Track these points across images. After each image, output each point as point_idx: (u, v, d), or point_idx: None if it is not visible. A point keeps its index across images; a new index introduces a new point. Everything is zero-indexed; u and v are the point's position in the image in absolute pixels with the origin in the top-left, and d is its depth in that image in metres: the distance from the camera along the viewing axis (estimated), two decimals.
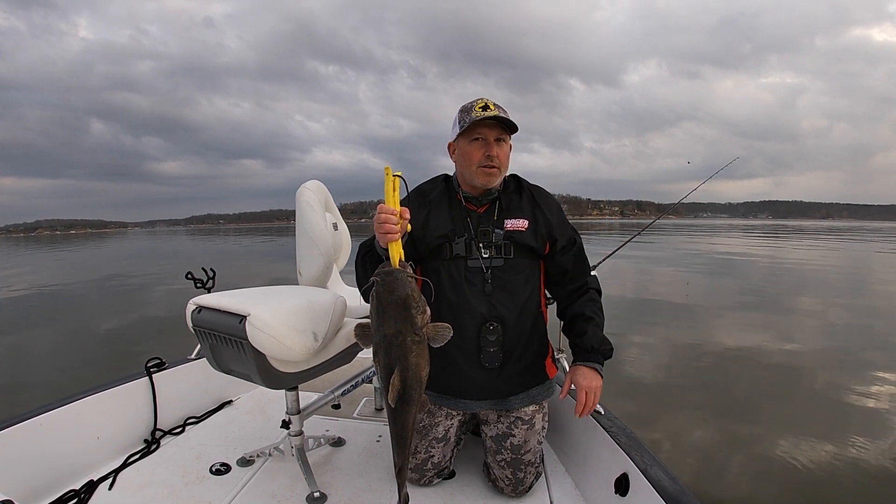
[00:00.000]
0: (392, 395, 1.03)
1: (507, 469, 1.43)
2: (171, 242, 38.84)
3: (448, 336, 1.06)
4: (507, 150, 1.35)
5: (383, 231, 1.06)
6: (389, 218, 1.07)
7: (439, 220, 1.37)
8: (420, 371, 1.05)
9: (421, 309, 1.03)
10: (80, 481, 1.46)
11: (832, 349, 4.80)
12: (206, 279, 1.92)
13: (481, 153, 1.31)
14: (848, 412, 3.27)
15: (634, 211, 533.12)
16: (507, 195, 1.42)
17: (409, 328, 1.01)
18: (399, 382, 1.02)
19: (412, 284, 1.02)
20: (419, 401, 1.08)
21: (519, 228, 1.35)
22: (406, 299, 1.00)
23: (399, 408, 1.05)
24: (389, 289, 1.01)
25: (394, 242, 1.06)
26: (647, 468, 1.21)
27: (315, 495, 1.42)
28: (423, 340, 1.04)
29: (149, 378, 1.82)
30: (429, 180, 1.48)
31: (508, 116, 1.30)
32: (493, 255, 1.34)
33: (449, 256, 1.35)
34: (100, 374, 3.87)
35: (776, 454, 2.66)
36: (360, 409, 2.10)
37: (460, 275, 1.34)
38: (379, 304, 1.02)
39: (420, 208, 1.38)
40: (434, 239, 1.35)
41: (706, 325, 5.96)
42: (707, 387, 3.80)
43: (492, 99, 1.31)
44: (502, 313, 1.33)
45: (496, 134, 1.32)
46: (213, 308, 1.41)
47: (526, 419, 1.42)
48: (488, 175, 1.33)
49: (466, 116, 1.31)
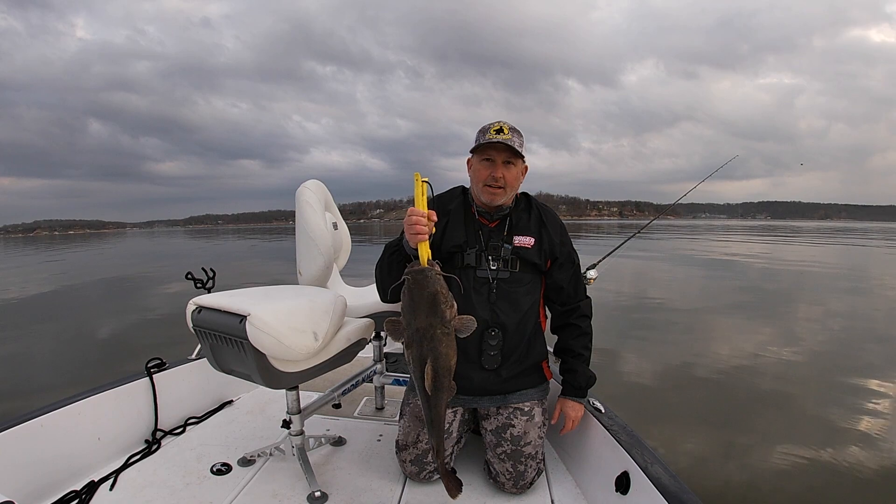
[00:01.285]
0: (428, 382, 1.13)
1: (507, 462, 1.45)
2: (172, 243, 38.80)
3: (473, 327, 1.15)
4: (514, 173, 1.44)
5: (414, 232, 1.15)
6: (420, 220, 1.15)
7: (455, 230, 1.47)
8: (450, 360, 1.14)
9: (449, 303, 1.12)
10: (81, 482, 1.46)
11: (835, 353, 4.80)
12: (206, 279, 1.92)
13: (488, 173, 1.42)
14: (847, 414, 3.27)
15: (633, 212, 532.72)
16: (517, 213, 1.52)
17: (439, 321, 1.10)
18: (432, 371, 1.12)
19: (441, 281, 1.11)
20: (449, 387, 1.18)
21: (525, 245, 1.46)
22: (436, 295, 1.09)
23: (434, 395, 1.15)
24: (421, 285, 1.09)
25: (423, 242, 1.15)
26: (647, 466, 1.21)
27: (316, 495, 1.42)
28: (452, 332, 1.13)
29: (149, 378, 1.82)
30: (448, 191, 1.59)
31: (521, 141, 1.41)
32: (500, 267, 1.45)
33: (460, 265, 1.45)
34: (101, 375, 3.87)
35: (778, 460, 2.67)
36: (360, 409, 2.10)
37: (469, 283, 1.43)
38: (411, 300, 1.11)
39: (440, 217, 1.46)
40: (449, 248, 1.45)
41: (703, 325, 5.97)
42: (704, 390, 3.80)
43: (508, 123, 1.41)
44: (504, 321, 1.43)
45: (505, 157, 1.41)
46: (213, 308, 1.41)
47: (525, 410, 1.48)
48: (492, 194, 1.43)
49: (482, 137, 1.41)
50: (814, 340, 5.19)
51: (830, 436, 2.89)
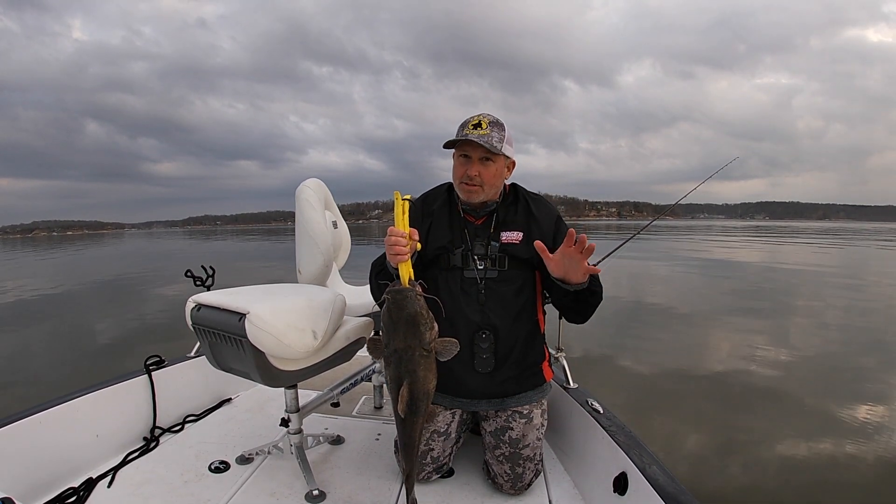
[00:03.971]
0: (402, 405, 1.09)
1: (505, 464, 1.44)
2: (173, 244, 38.74)
3: (455, 351, 1.11)
4: (493, 170, 1.36)
5: (393, 253, 1.13)
6: (399, 241, 1.13)
7: (439, 231, 1.42)
8: (427, 384, 1.11)
9: (429, 325, 1.09)
10: (79, 479, 1.46)
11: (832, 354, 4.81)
12: (206, 277, 1.92)
13: (463, 171, 1.36)
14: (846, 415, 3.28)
15: (632, 212, 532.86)
16: (504, 207, 1.46)
17: (418, 343, 1.08)
18: (408, 394, 1.09)
19: (421, 302, 1.09)
20: (426, 411, 1.14)
21: (513, 241, 1.40)
22: (415, 316, 1.07)
23: (407, 417, 1.11)
24: (399, 306, 1.07)
25: (403, 263, 1.13)
26: (645, 467, 1.21)
27: (314, 493, 1.42)
28: (431, 355, 1.10)
29: (148, 376, 1.82)
30: (434, 188, 1.54)
31: (502, 135, 1.32)
32: (487, 266, 1.39)
33: (446, 267, 1.41)
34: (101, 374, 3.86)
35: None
36: (359, 408, 2.10)
37: (456, 285, 1.39)
38: (390, 321, 1.09)
39: (424, 218, 1.44)
40: (433, 250, 1.41)
41: (699, 326, 5.97)
42: (702, 387, 3.81)
43: (491, 114, 1.34)
44: (495, 322, 1.38)
45: (481, 153, 1.34)
46: (212, 306, 1.41)
47: (524, 413, 1.45)
48: (468, 192, 1.38)
49: (460, 131, 1.35)
50: (813, 341, 5.19)
51: (830, 435, 2.89)
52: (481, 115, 1.34)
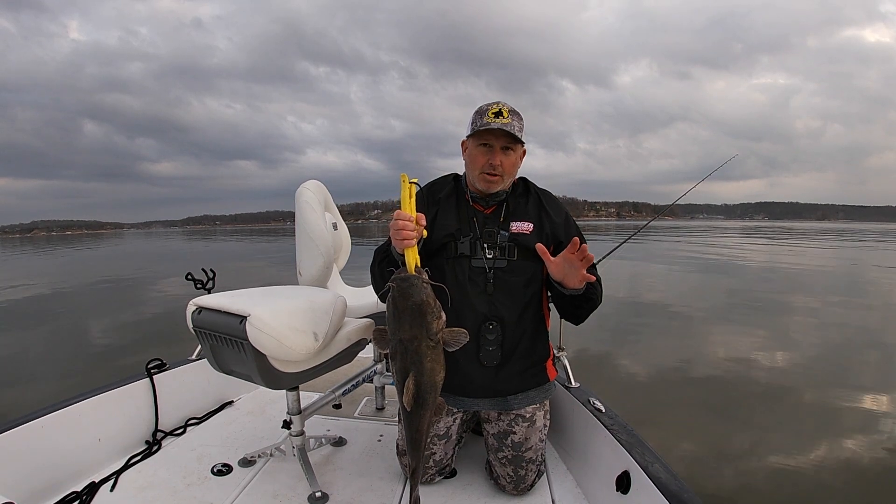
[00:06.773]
0: (407, 398, 1.04)
1: (508, 466, 1.44)
2: (173, 244, 38.70)
3: (464, 341, 1.06)
4: (513, 159, 1.35)
5: (400, 238, 1.07)
6: (406, 224, 1.07)
7: (446, 218, 1.39)
8: (435, 375, 1.05)
9: (436, 315, 1.03)
10: (81, 483, 1.46)
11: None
12: (206, 280, 1.92)
13: (485, 160, 1.33)
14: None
15: (631, 212, 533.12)
16: (514, 198, 1.44)
17: (425, 333, 1.02)
18: (413, 386, 1.03)
19: (428, 290, 1.03)
20: (434, 405, 1.08)
21: (524, 231, 1.37)
22: (421, 305, 1.01)
23: (413, 411, 1.06)
24: (405, 295, 1.01)
25: (410, 248, 1.07)
26: (648, 465, 1.21)
27: (317, 495, 1.42)
28: (439, 345, 1.04)
29: (150, 379, 1.82)
30: (439, 178, 1.51)
31: (521, 124, 1.31)
32: (496, 256, 1.36)
33: (454, 255, 1.37)
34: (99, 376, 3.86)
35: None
36: (361, 409, 2.10)
37: (464, 274, 1.36)
38: (395, 310, 1.03)
39: (430, 206, 1.40)
40: (440, 237, 1.36)
41: (697, 325, 5.97)
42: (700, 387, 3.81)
43: (507, 104, 1.30)
44: (502, 313, 1.35)
45: (503, 142, 1.32)
46: (213, 309, 1.41)
47: (527, 416, 1.43)
48: (489, 182, 1.35)
49: (479, 119, 1.31)
50: (812, 342, 5.19)
51: (830, 436, 2.89)
52: (499, 104, 1.30)
